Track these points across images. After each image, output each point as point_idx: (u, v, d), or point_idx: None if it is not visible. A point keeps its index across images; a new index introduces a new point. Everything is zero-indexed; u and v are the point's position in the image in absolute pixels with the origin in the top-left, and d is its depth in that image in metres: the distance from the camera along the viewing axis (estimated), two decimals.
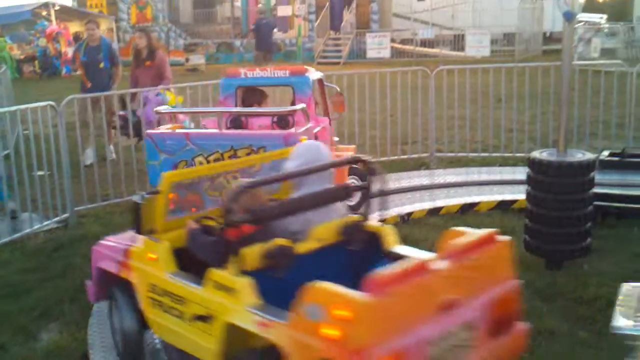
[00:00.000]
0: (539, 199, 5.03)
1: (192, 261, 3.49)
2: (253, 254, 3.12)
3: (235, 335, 3.08)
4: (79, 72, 9.67)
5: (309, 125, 5.63)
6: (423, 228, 6.24)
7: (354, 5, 27.71)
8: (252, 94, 6.22)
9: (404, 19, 28.61)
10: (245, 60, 26.35)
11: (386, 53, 24.80)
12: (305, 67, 6.53)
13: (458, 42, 25.99)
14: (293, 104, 6.09)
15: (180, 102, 8.37)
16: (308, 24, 27.57)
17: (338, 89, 6.93)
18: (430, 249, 5.37)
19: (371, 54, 24.63)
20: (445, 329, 2.69)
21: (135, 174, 7.48)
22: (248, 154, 5.35)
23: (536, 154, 5.09)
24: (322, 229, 3.41)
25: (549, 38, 25.93)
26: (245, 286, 3.05)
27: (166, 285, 3.53)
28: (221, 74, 6.78)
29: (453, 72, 9.17)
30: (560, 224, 4.94)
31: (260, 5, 29.89)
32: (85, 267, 5.55)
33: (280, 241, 3.19)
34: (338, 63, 24.28)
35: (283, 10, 28.56)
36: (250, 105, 6.14)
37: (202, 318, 3.27)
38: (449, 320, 2.74)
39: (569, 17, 4.93)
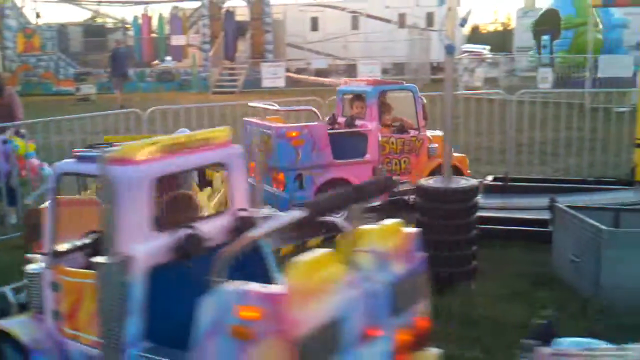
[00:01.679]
0: (427, 225, 5.21)
1: None
2: None
3: None
4: None
5: (316, 123, 6.95)
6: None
7: (248, 35, 27.86)
8: (353, 99, 7.67)
9: (298, 49, 29.08)
10: (140, 90, 25.92)
11: (281, 82, 25.00)
12: (376, 79, 8.19)
13: (351, 71, 26.62)
14: (363, 108, 7.38)
15: (32, 150, 7.69)
16: (202, 54, 27.45)
17: (424, 101, 7.64)
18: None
19: (266, 83, 24.74)
20: None
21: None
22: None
23: (423, 182, 5.29)
24: None
25: (436, 67, 27.02)
26: None
27: None
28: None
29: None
30: (448, 248, 5.14)
31: (153, 35, 29.58)
32: None
33: None
34: (233, 92, 24.27)
35: (177, 40, 28.34)
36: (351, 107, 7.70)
37: None
38: None
39: (451, 49, 5.19)
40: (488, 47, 30.41)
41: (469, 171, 7.61)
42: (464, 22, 5.21)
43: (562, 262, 5.40)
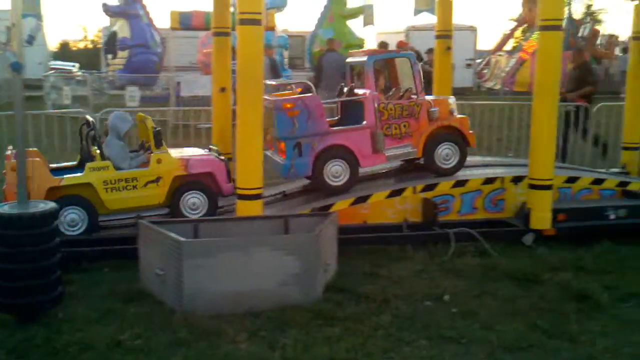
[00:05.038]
0: (4, 254, 4.85)
1: None
2: None
3: None
4: None
5: (311, 94, 7.29)
6: None
7: None
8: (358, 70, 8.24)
9: None
10: None
11: None
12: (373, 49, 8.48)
13: None
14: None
15: None
16: None
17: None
18: None
19: None
20: None
21: None
22: None
23: None
24: None
25: (28, 86, 25.39)
26: None
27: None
28: None
29: None
30: (29, 276, 4.85)
31: None
32: None
33: None
34: None
35: None
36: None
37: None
38: None
39: (17, 67, 4.91)
40: (77, 65, 29.69)
41: (471, 131, 7.77)
42: (30, 39, 4.98)
43: (150, 277, 5.53)
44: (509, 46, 31.86)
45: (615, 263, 6.48)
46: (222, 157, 7.52)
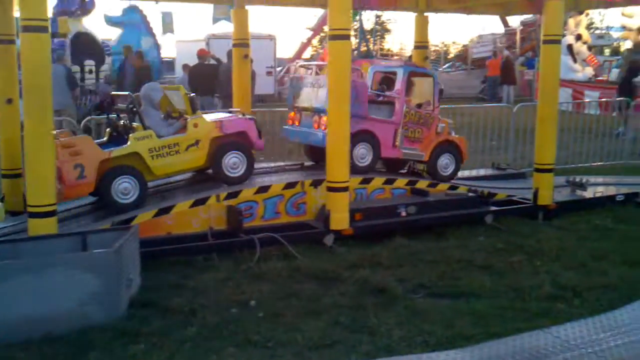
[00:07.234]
0: None
1: None
2: None
3: None
4: None
5: (361, 80, 8.86)
6: None
7: None
8: (385, 76, 9.10)
9: None
10: None
11: None
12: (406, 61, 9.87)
13: None
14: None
15: None
16: None
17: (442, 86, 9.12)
18: None
19: None
20: None
21: None
22: None
23: None
24: None
25: None
26: None
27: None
28: None
29: None
30: None
31: None
32: None
33: None
34: None
35: None
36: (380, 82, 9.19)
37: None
38: None
39: None
40: None
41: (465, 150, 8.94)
42: None
43: None
44: (307, 54, 33.06)
45: (408, 257, 6.96)
46: (250, 116, 8.11)
